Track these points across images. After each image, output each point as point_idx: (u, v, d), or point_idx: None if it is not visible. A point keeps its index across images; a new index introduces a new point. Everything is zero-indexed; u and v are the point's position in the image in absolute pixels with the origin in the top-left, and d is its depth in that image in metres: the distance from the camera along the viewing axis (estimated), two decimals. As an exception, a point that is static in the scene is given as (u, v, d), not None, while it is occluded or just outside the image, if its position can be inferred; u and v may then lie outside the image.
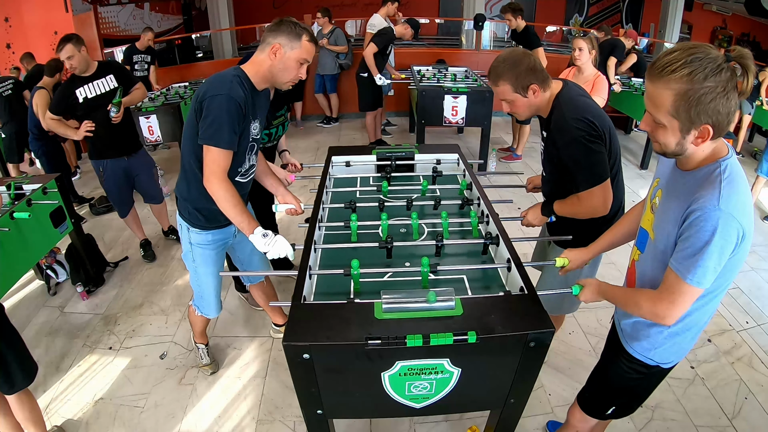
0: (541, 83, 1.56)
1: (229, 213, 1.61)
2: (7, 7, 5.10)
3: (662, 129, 1.05)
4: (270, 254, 1.65)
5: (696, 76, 0.95)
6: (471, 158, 4.68)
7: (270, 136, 2.35)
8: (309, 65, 1.67)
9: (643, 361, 1.32)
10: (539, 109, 1.64)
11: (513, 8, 4.32)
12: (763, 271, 3.15)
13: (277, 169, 2.32)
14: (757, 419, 2.09)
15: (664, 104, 1.00)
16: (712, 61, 0.95)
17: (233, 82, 1.55)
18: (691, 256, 1.03)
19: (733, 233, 1.00)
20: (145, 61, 5.10)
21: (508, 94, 1.58)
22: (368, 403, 1.43)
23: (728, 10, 8.92)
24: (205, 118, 1.53)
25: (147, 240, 3.40)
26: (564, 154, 1.57)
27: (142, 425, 2.09)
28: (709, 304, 1.19)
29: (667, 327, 1.23)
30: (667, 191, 1.17)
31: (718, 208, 0.99)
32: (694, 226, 1.02)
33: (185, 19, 9.41)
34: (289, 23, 1.58)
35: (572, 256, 1.56)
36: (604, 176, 1.56)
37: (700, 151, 1.06)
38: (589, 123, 1.52)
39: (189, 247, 1.86)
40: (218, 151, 1.54)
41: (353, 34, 7.63)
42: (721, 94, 0.96)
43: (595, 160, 1.54)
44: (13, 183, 2.49)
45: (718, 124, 0.99)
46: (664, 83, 0.99)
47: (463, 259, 1.72)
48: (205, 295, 2.01)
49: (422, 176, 2.36)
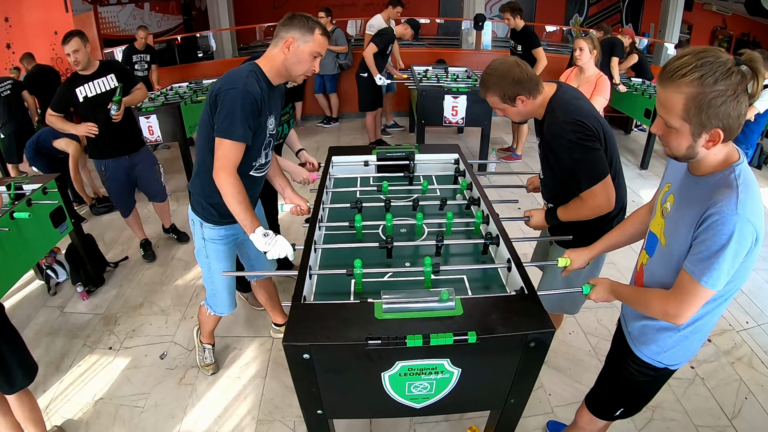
0: (528, 93, 1.59)
1: (233, 208, 1.62)
2: (7, 7, 5.10)
3: (674, 133, 1.05)
4: (270, 254, 1.65)
5: (706, 80, 0.96)
6: (471, 158, 4.68)
7: (276, 134, 2.34)
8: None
9: (652, 364, 1.33)
10: (532, 114, 1.67)
11: (512, 8, 4.32)
12: (763, 271, 3.14)
13: (300, 169, 2.32)
14: (757, 419, 2.09)
15: (675, 108, 1.01)
16: (722, 65, 0.96)
17: (249, 77, 1.57)
18: (707, 259, 1.04)
19: (748, 237, 1.02)
20: (145, 61, 5.08)
21: (497, 104, 1.65)
22: (368, 403, 1.42)
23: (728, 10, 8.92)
24: (219, 112, 1.55)
25: (147, 240, 3.40)
26: (563, 156, 1.59)
27: (142, 425, 2.09)
28: (719, 307, 1.20)
29: (678, 330, 1.24)
30: (680, 197, 1.18)
31: (736, 212, 1.00)
32: (711, 230, 1.02)
33: (185, 19, 9.40)
34: (302, 17, 1.60)
35: (574, 256, 1.56)
36: (605, 173, 1.57)
37: (713, 156, 1.07)
38: (580, 124, 1.54)
39: (202, 243, 1.87)
40: (231, 144, 1.55)
41: (353, 34, 7.61)
42: (732, 98, 0.96)
43: (593, 158, 1.55)
44: (13, 183, 2.49)
45: (728, 127, 1.00)
46: (675, 87, 1.00)
47: (463, 259, 1.72)
48: (219, 291, 2.01)
49: (422, 176, 2.36)
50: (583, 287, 1.43)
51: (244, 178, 1.74)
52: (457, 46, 7.44)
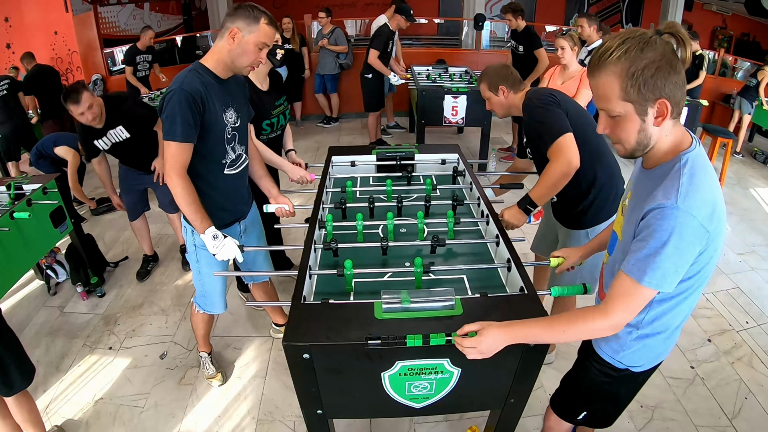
0: (510, 86, 1.92)
1: (183, 209, 1.63)
2: (7, 7, 5.11)
3: (620, 122, 1.01)
4: (218, 257, 1.67)
5: (631, 53, 0.94)
6: (471, 158, 4.68)
7: (271, 126, 2.33)
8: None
9: (612, 364, 1.25)
10: (512, 108, 1.95)
11: (513, 9, 4.33)
12: (763, 271, 3.15)
13: (296, 168, 2.31)
14: (757, 419, 2.09)
15: (612, 92, 0.98)
16: (641, 36, 0.95)
17: (187, 76, 1.57)
18: (646, 258, 0.98)
19: (693, 233, 0.95)
20: (147, 61, 5.08)
21: (485, 92, 1.98)
22: (368, 403, 1.42)
23: (728, 10, 8.92)
24: (162, 115, 1.56)
25: (149, 257, 3.19)
26: (531, 126, 1.83)
27: (142, 425, 2.09)
28: (680, 306, 1.12)
29: (637, 328, 1.17)
30: (634, 192, 1.15)
31: (676, 206, 0.94)
32: (650, 226, 0.97)
33: (185, 19, 9.40)
34: (247, 7, 1.58)
35: (567, 254, 1.56)
36: (566, 128, 1.69)
37: (664, 139, 1.02)
38: (541, 94, 1.80)
39: (193, 248, 1.86)
40: (176, 145, 1.55)
41: (353, 34, 7.61)
42: (664, 63, 0.94)
43: (552, 115, 1.72)
44: (13, 183, 2.49)
45: (672, 96, 0.96)
46: (605, 70, 0.98)
47: (463, 259, 1.72)
48: (209, 294, 2.00)
49: (422, 176, 2.36)
50: (552, 290, 1.48)
51: (219, 179, 1.75)
52: (457, 46, 7.44)
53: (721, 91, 5.90)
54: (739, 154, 5.24)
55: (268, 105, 2.28)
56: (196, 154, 1.62)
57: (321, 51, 5.56)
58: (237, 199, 1.89)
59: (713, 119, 5.83)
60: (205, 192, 1.70)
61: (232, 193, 1.84)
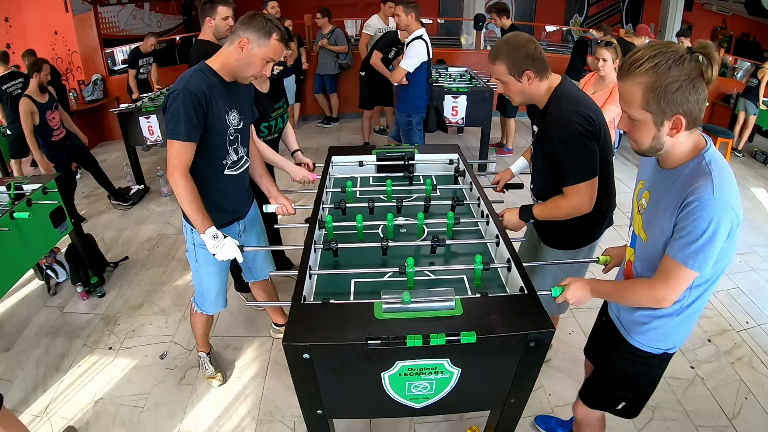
0: (537, 72, 1.54)
1: (185, 208, 1.63)
2: (7, 7, 5.10)
3: (638, 126, 1.11)
4: (218, 256, 1.67)
5: (660, 68, 1.02)
6: (471, 158, 4.68)
7: (269, 128, 2.33)
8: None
9: (651, 352, 1.34)
10: (533, 98, 1.62)
11: (497, 8, 4.43)
12: (763, 271, 3.14)
13: (299, 168, 2.31)
14: (757, 419, 2.09)
15: (635, 99, 1.07)
16: (674, 53, 1.02)
17: (192, 76, 1.58)
18: (690, 244, 1.07)
19: (728, 220, 1.05)
20: (149, 64, 5.21)
21: (502, 75, 1.58)
22: (368, 403, 1.43)
23: (728, 10, 8.92)
24: (166, 114, 1.56)
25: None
26: (558, 146, 1.55)
27: (142, 425, 2.09)
28: (709, 290, 1.24)
29: (677, 314, 1.25)
30: (655, 191, 1.22)
31: (713, 197, 1.03)
32: (692, 215, 1.06)
33: (185, 19, 9.39)
34: (263, 19, 1.58)
35: (615, 252, 1.55)
36: (594, 172, 1.56)
37: (680, 145, 1.12)
38: (587, 118, 1.51)
39: (192, 247, 1.87)
40: (180, 144, 1.56)
41: (353, 34, 7.60)
42: (687, 83, 1.02)
43: (588, 154, 1.53)
44: (13, 183, 2.49)
45: (689, 112, 1.05)
46: (632, 79, 1.06)
47: (462, 259, 1.72)
48: (206, 293, 2.00)
49: (422, 176, 2.36)
50: (553, 290, 1.38)
51: (219, 179, 1.75)
52: (457, 46, 7.44)
53: (721, 92, 5.90)
54: (740, 153, 5.24)
55: (267, 108, 2.29)
56: (198, 153, 1.63)
57: (321, 51, 5.56)
58: (236, 200, 1.89)
59: (713, 119, 5.82)
60: (205, 191, 1.70)
61: (231, 193, 1.85)
